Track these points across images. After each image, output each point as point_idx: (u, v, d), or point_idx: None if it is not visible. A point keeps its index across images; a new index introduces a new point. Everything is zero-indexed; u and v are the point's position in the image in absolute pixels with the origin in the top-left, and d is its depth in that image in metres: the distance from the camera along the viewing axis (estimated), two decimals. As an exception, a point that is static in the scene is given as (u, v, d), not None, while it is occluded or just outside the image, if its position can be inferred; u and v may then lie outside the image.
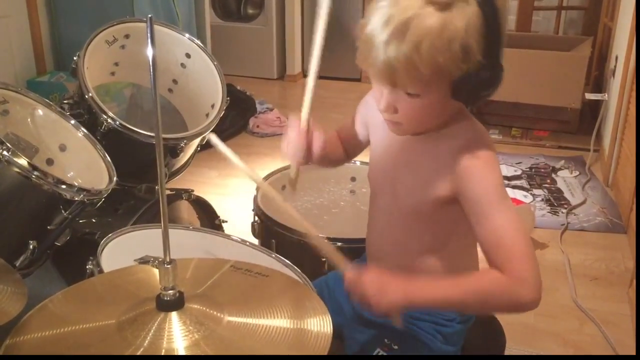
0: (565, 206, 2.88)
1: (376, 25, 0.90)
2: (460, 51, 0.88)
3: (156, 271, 0.90)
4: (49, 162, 1.47)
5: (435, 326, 1.13)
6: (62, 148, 1.48)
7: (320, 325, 0.84)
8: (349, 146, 1.29)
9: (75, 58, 1.60)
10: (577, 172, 3.26)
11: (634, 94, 2.85)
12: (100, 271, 1.11)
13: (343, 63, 5.05)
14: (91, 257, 1.14)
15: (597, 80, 4.05)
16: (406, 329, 1.13)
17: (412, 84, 0.92)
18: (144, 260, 0.86)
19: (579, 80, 3.61)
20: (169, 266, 0.82)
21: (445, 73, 0.90)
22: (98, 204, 1.36)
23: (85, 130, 1.49)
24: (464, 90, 0.92)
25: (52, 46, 3.28)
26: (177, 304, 0.82)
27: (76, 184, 1.27)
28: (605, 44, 4.04)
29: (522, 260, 0.91)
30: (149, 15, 0.71)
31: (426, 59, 0.87)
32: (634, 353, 1.91)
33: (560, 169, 3.30)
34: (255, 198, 1.66)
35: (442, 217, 1.04)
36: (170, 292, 0.82)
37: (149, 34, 0.74)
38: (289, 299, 0.91)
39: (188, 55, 1.84)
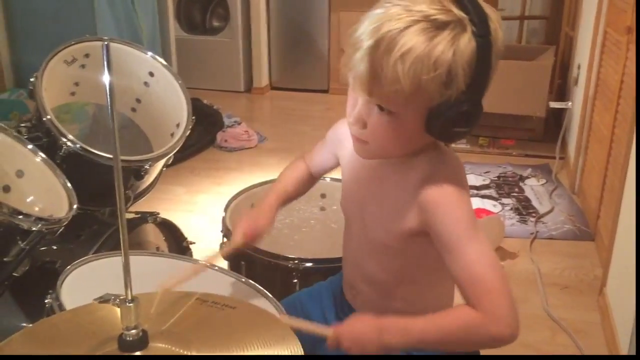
0: (534, 215, 2.91)
1: (366, 30, 0.87)
2: (445, 75, 0.84)
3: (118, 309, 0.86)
4: (6, 189, 1.41)
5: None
6: (20, 174, 1.42)
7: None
8: (317, 171, 1.28)
9: (32, 79, 1.54)
10: (544, 180, 3.29)
11: (597, 102, 2.90)
12: (60, 306, 1.06)
13: (310, 75, 5.08)
14: (50, 291, 1.09)
15: (561, 88, 4.12)
16: None
17: (389, 98, 0.88)
18: (104, 299, 0.81)
19: (543, 89, 3.66)
20: (131, 304, 0.78)
21: (424, 95, 0.86)
22: (58, 232, 1.30)
23: (43, 155, 1.43)
24: (438, 121, 0.88)
25: (12, 63, 3.20)
26: (140, 344, 0.78)
27: (33, 213, 1.22)
28: (568, 53, 4.12)
29: (495, 296, 0.89)
30: (105, 43, 0.68)
31: (409, 73, 0.84)
32: (606, 363, 1.92)
33: (527, 177, 3.34)
34: (223, 219, 1.62)
35: (411, 249, 1.02)
36: (133, 331, 0.78)
37: (105, 61, 0.71)
38: (258, 331, 0.88)
39: (151, 74, 1.80)
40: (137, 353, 0.78)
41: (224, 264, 1.56)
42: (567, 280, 2.41)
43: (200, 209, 2.97)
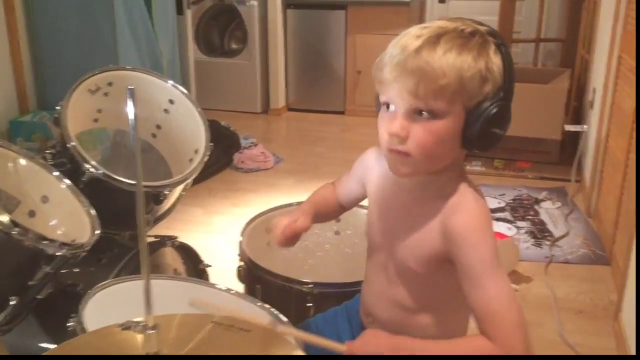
0: (549, 238, 2.91)
1: (410, 36, 0.95)
2: (485, 69, 0.93)
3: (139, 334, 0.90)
4: (31, 214, 1.46)
5: None
6: (44, 200, 1.47)
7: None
8: (345, 200, 1.30)
9: (57, 107, 1.60)
10: (560, 203, 3.29)
11: (612, 126, 2.91)
12: (83, 329, 1.10)
13: (327, 96, 5.14)
14: (73, 314, 1.13)
15: (577, 111, 4.12)
16: None
17: (435, 95, 0.92)
18: (126, 326, 0.85)
19: (559, 111, 3.67)
20: (152, 331, 0.81)
21: (465, 91, 0.93)
22: (80, 256, 1.35)
23: (68, 182, 1.49)
24: (478, 121, 0.94)
25: (35, 86, 3.28)
26: (160, 369, 0.82)
27: (58, 239, 1.26)
28: (583, 76, 4.12)
29: (512, 331, 0.94)
30: (130, 87, 0.72)
31: (455, 66, 0.91)
32: (620, 389, 1.91)
33: (543, 200, 3.34)
34: (240, 243, 1.66)
35: (437, 275, 1.05)
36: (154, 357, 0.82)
37: (129, 102, 0.75)
38: (271, 354, 0.91)
39: (171, 102, 1.86)
40: None
41: (240, 287, 1.59)
42: (582, 305, 2.40)
43: (217, 230, 3.01)
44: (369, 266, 1.18)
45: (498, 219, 3.10)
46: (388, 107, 0.98)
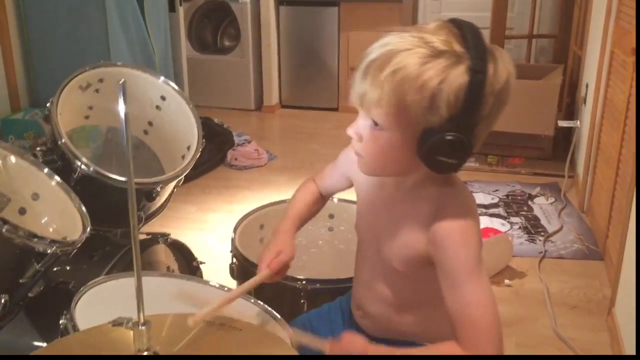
0: (543, 233, 2.91)
1: (373, 47, 0.92)
2: (429, 100, 0.87)
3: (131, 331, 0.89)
4: (22, 211, 1.45)
5: None
6: (35, 197, 1.46)
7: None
8: (329, 193, 1.33)
9: (48, 104, 1.59)
10: (553, 199, 3.30)
11: (604, 122, 2.92)
12: (74, 327, 1.09)
13: (320, 93, 5.13)
14: (64, 312, 1.12)
15: (569, 107, 4.13)
16: None
17: (377, 112, 0.92)
18: (117, 323, 0.84)
19: (551, 107, 3.68)
20: (143, 327, 0.81)
21: (411, 116, 0.89)
22: (72, 254, 1.34)
23: (58, 179, 1.48)
24: (424, 147, 0.91)
25: (27, 84, 3.27)
26: (152, 366, 0.81)
27: (48, 236, 1.25)
28: (576, 72, 4.13)
29: (484, 339, 0.93)
30: (121, 81, 0.71)
31: (395, 91, 0.88)
32: (614, 384, 1.91)
33: (536, 196, 3.34)
34: (233, 240, 1.65)
35: (421, 275, 1.05)
36: (145, 353, 0.81)
37: (121, 98, 0.74)
38: (263, 353, 0.91)
39: (163, 98, 1.85)
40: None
41: (233, 284, 1.59)
42: (575, 300, 2.41)
43: (211, 228, 3.00)
44: (358, 259, 1.19)
45: (492, 215, 3.11)
46: None
